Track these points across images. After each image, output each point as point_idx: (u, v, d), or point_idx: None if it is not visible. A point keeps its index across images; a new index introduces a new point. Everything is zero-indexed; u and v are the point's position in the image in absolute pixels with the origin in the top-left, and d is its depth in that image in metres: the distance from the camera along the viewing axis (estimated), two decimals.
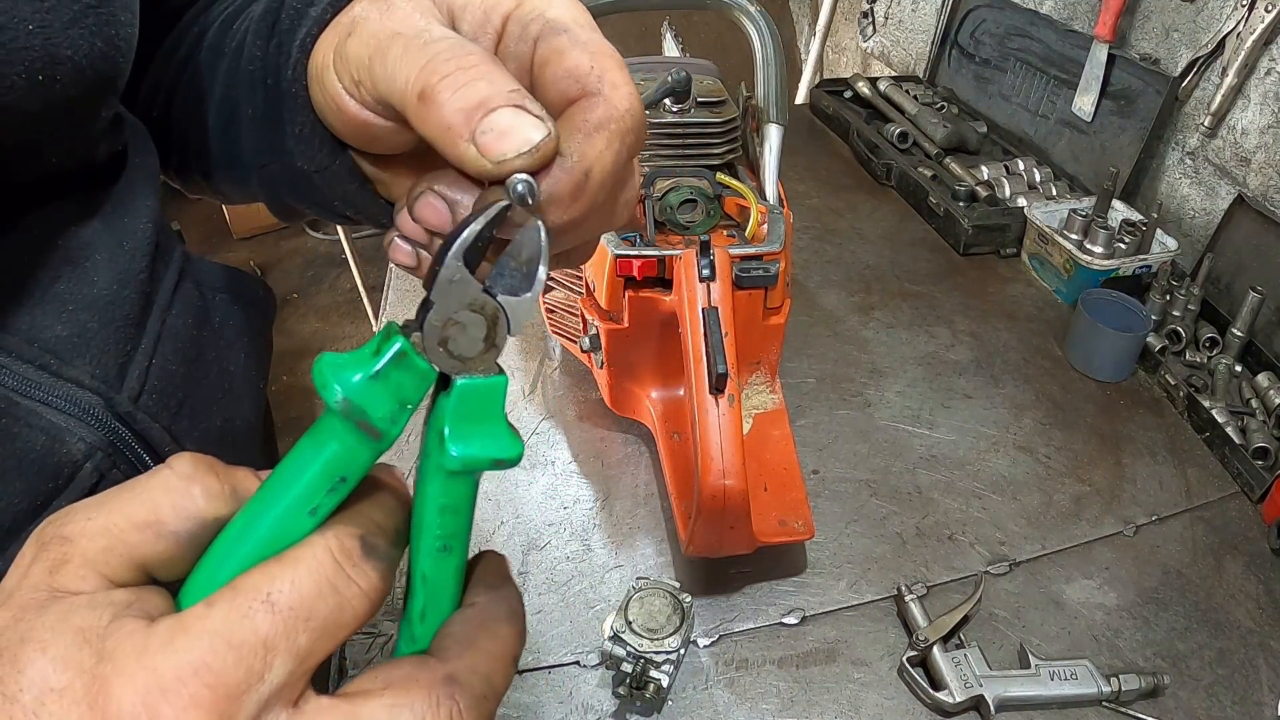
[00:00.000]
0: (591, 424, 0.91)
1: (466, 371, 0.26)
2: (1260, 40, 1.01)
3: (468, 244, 0.25)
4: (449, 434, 0.26)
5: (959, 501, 0.83)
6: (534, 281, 0.27)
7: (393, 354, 0.25)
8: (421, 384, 0.26)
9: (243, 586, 0.24)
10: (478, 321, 0.26)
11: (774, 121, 0.83)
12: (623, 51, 0.32)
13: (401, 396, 0.25)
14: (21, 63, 0.30)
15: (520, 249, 0.27)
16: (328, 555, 0.25)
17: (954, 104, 1.54)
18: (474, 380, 0.26)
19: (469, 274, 0.26)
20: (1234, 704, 0.66)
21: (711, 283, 0.70)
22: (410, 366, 0.25)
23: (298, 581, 0.25)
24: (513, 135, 0.27)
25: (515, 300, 0.27)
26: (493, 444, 0.26)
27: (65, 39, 0.32)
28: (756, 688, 0.67)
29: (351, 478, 0.26)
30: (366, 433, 0.25)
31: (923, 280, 1.16)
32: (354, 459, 0.25)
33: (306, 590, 0.25)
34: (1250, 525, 0.82)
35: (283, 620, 0.24)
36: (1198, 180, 1.16)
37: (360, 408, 0.25)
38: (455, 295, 0.26)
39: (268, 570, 0.25)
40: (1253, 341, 0.98)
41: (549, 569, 0.76)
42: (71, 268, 0.37)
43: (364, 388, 0.25)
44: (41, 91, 0.31)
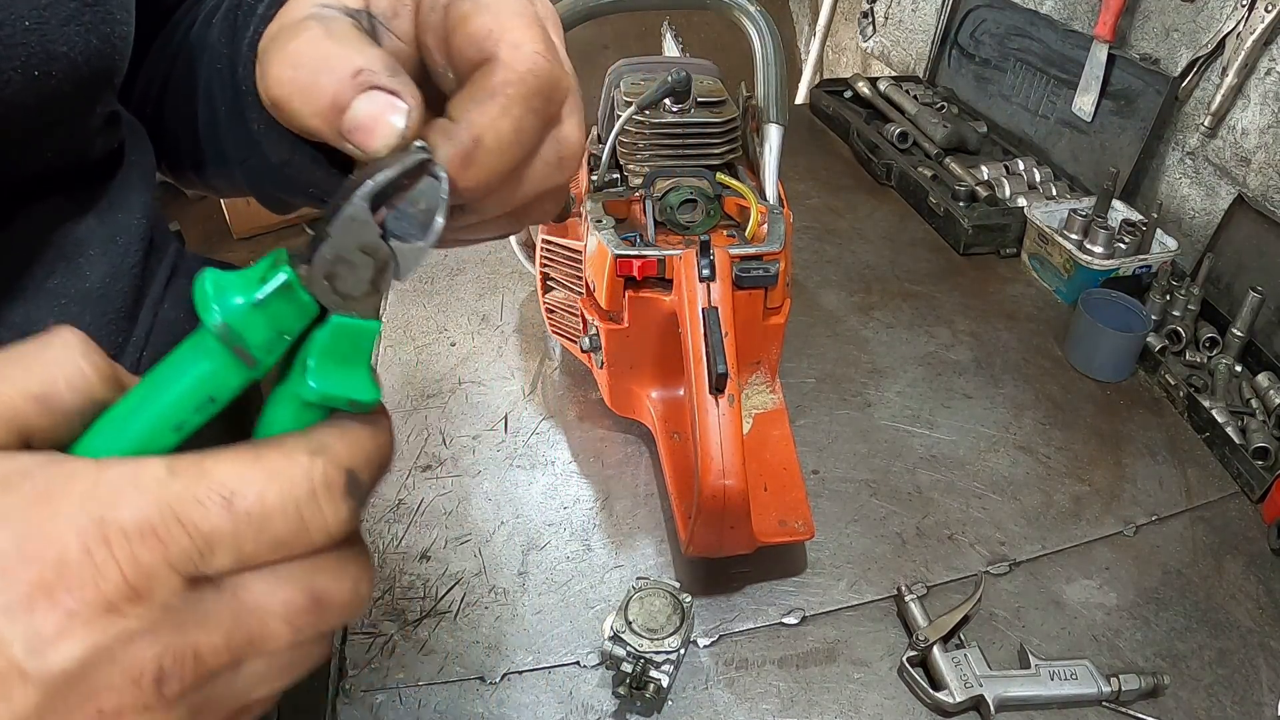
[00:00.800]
0: (591, 424, 0.91)
1: (345, 309, 0.26)
2: (1260, 40, 1.01)
3: (379, 188, 0.26)
4: (313, 367, 0.25)
5: (959, 501, 0.83)
6: (429, 231, 0.27)
7: (278, 285, 0.25)
8: (302, 317, 0.26)
9: (210, 471, 0.24)
10: (367, 263, 0.26)
11: (774, 121, 0.83)
12: (623, 51, 0.32)
13: (280, 326, 0.25)
14: (18, 58, 0.30)
15: (421, 197, 0.27)
16: (307, 480, 0.25)
17: (954, 104, 1.54)
18: (350, 320, 0.26)
19: (371, 217, 0.26)
20: (1234, 704, 0.66)
21: (711, 283, 0.70)
22: (293, 299, 0.25)
23: (266, 494, 0.24)
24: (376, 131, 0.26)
25: (407, 247, 0.27)
26: (353, 385, 0.26)
27: (61, 36, 0.32)
28: (756, 688, 0.67)
29: (220, 399, 0.25)
30: (241, 359, 0.25)
31: (923, 280, 1.16)
32: (225, 382, 0.25)
33: (271, 505, 0.24)
34: (1250, 525, 0.82)
35: (233, 524, 0.23)
36: (1198, 180, 1.16)
37: (239, 334, 0.24)
38: (352, 235, 0.26)
39: (240, 465, 0.24)
40: (1253, 341, 0.98)
41: (549, 569, 0.76)
42: (65, 263, 0.37)
43: (244, 314, 0.24)
44: (37, 87, 0.31)
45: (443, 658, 0.69)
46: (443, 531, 0.80)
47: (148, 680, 0.23)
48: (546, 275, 0.91)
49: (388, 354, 1.01)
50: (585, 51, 2.40)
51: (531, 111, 0.28)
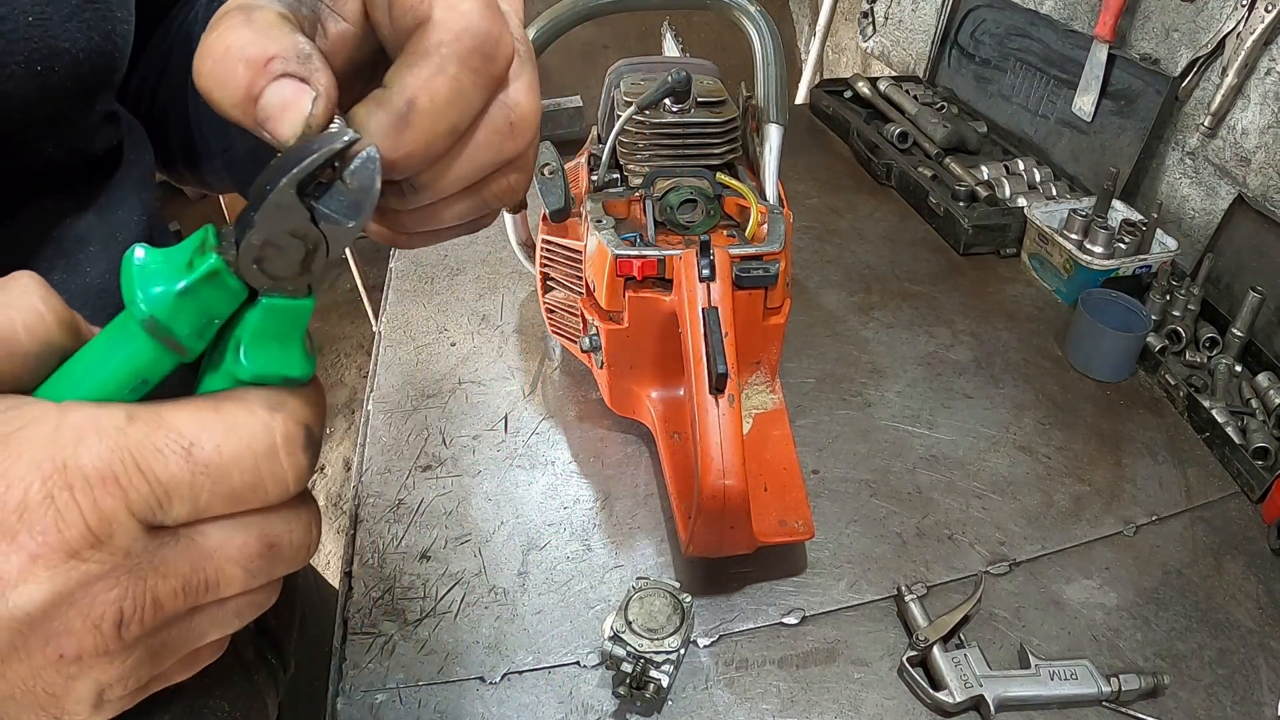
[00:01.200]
0: (591, 424, 0.91)
1: (276, 290, 0.26)
2: (1260, 40, 1.01)
3: (303, 175, 0.25)
4: (246, 347, 0.25)
5: (959, 501, 0.83)
6: (360, 211, 0.26)
7: (205, 272, 0.24)
8: (231, 301, 0.25)
9: (169, 421, 0.24)
10: (297, 246, 0.26)
11: (774, 121, 0.83)
12: (623, 51, 0.32)
13: (209, 312, 0.25)
14: (20, 53, 0.30)
15: (352, 177, 0.26)
16: (268, 434, 0.25)
17: (954, 104, 1.54)
18: (281, 299, 0.26)
19: (298, 201, 0.25)
20: (1234, 704, 0.66)
21: (711, 283, 0.70)
22: (222, 285, 0.25)
23: (225, 446, 0.24)
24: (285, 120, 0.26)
25: (338, 228, 0.26)
26: (286, 362, 0.26)
27: (63, 32, 0.32)
28: (756, 688, 0.67)
29: (154, 381, 0.25)
30: (172, 349, 0.25)
31: (923, 280, 1.16)
32: (157, 368, 0.25)
33: (229, 457, 0.24)
34: (1250, 525, 0.82)
35: (191, 474, 0.24)
36: (1198, 180, 1.16)
37: (166, 326, 0.24)
38: (280, 220, 0.25)
39: (200, 415, 0.24)
40: (1253, 341, 0.98)
41: (549, 569, 0.76)
42: (65, 259, 0.37)
43: (172, 304, 0.24)
44: (39, 82, 0.32)
45: (443, 658, 0.69)
46: (443, 531, 0.80)
47: (107, 625, 0.23)
48: (546, 275, 0.91)
49: (388, 354, 1.01)
50: (585, 51, 2.41)
51: (470, 70, 0.27)
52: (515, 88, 0.30)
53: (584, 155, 0.94)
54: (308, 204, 0.26)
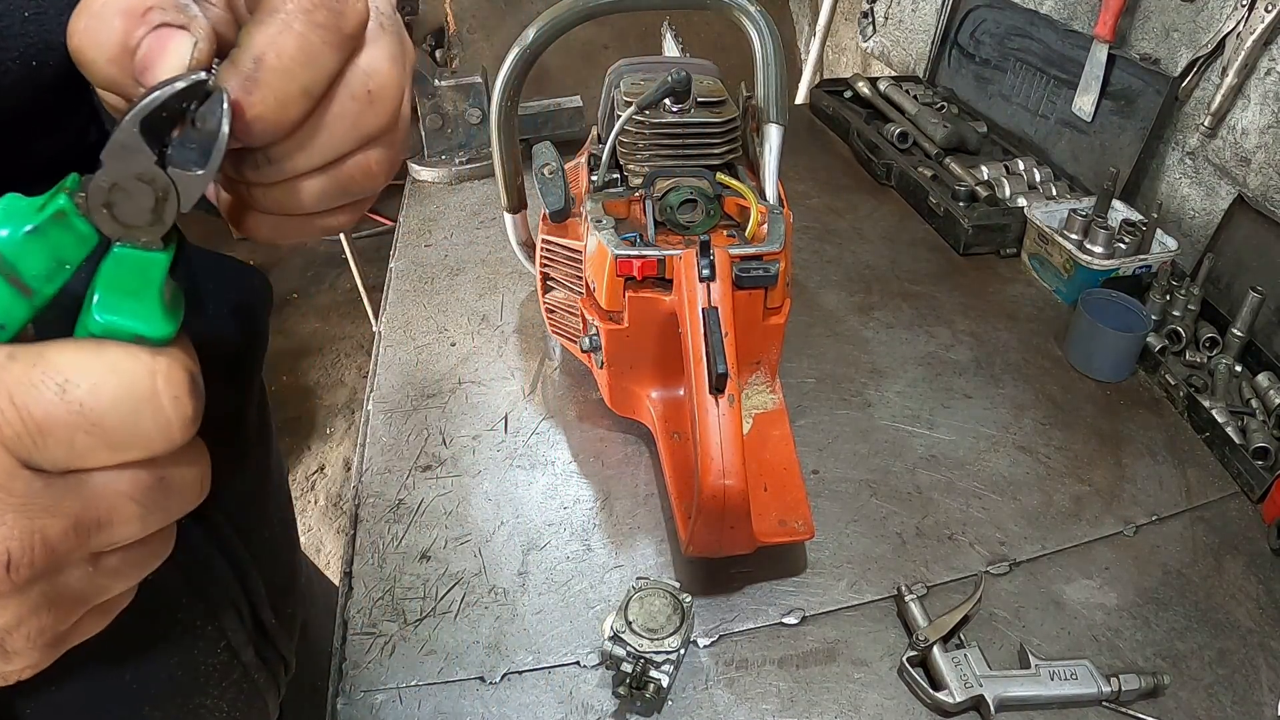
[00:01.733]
0: (591, 424, 0.91)
1: (129, 239, 0.25)
2: (1260, 40, 1.01)
3: (146, 111, 0.25)
4: (97, 300, 0.25)
5: (959, 501, 0.83)
6: (208, 158, 0.26)
7: (53, 212, 0.24)
8: (81, 246, 0.25)
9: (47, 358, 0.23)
10: (146, 192, 0.25)
11: (774, 121, 0.83)
12: (623, 51, 0.32)
13: (60, 256, 0.25)
14: (16, 49, 0.30)
15: (202, 120, 0.26)
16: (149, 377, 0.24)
17: (954, 104, 1.54)
18: (132, 250, 0.25)
19: (144, 143, 0.25)
20: (1234, 704, 0.66)
21: (711, 283, 0.70)
22: (69, 226, 0.25)
23: (101, 386, 0.23)
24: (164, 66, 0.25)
25: (187, 175, 0.26)
26: (139, 319, 0.25)
27: (59, 25, 0.32)
28: (756, 688, 0.67)
29: (10, 326, 0.25)
30: (17, 288, 0.24)
31: (923, 280, 1.16)
32: (9, 312, 0.24)
33: (105, 398, 0.23)
34: (1250, 525, 0.82)
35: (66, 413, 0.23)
36: (1198, 180, 1.16)
37: (10, 262, 0.24)
38: (126, 162, 0.25)
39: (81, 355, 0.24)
40: (1253, 341, 0.98)
41: (549, 569, 0.76)
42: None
43: (18, 242, 0.24)
44: (34, 78, 0.31)
45: (443, 658, 0.69)
46: (443, 531, 0.80)
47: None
48: (546, 275, 0.91)
49: (388, 354, 1.01)
50: (585, 51, 2.41)
51: (317, 27, 0.27)
52: (372, 53, 0.29)
53: (584, 155, 0.94)
54: (157, 150, 0.25)
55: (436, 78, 1.34)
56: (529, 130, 1.40)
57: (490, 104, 0.85)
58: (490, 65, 1.11)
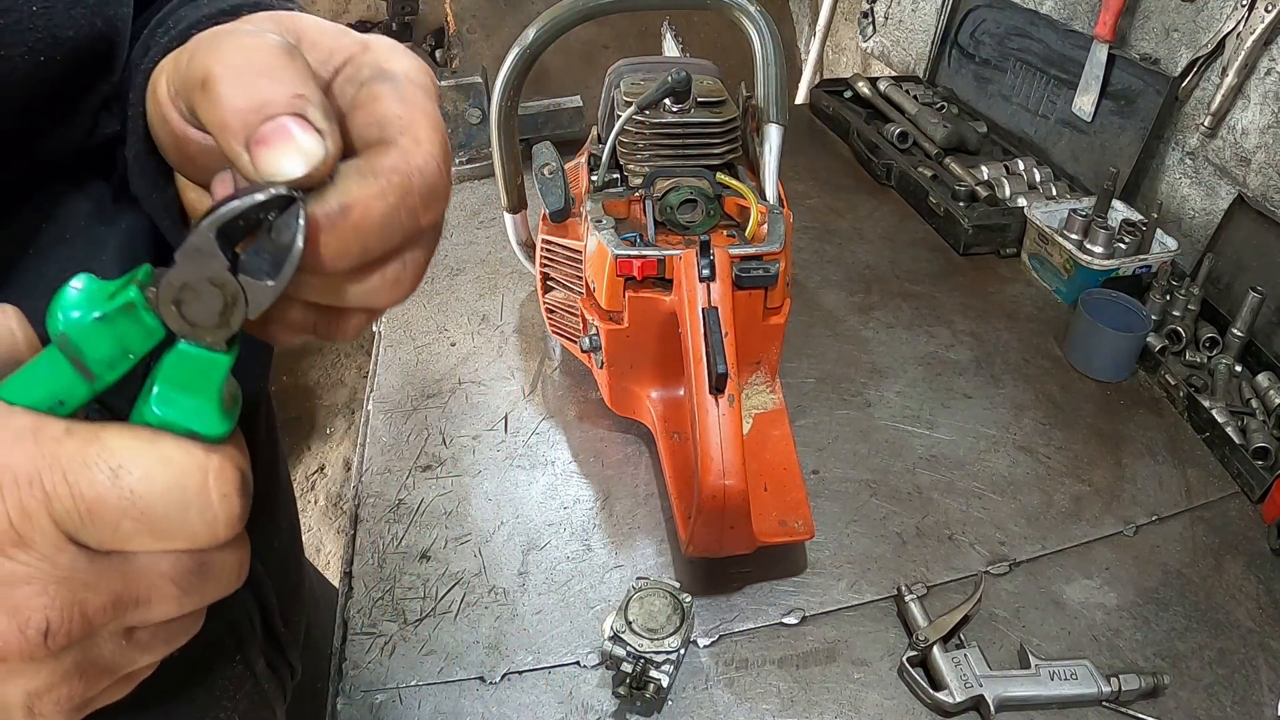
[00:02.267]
0: (591, 424, 0.91)
1: (195, 337, 0.26)
2: (1260, 40, 1.01)
3: (225, 219, 0.25)
4: (156, 393, 0.25)
5: (959, 501, 0.83)
6: (280, 271, 0.26)
7: (122, 303, 0.25)
8: (147, 339, 0.25)
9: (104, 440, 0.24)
10: (216, 295, 0.26)
11: (774, 121, 0.83)
12: (623, 51, 0.32)
13: (125, 345, 0.25)
14: (24, 43, 0.30)
15: (279, 235, 0.26)
16: (200, 473, 0.25)
17: (954, 104, 1.54)
18: (196, 348, 0.26)
19: (218, 248, 0.25)
20: (1234, 704, 0.66)
21: (711, 283, 0.70)
22: (137, 319, 0.25)
23: (153, 475, 0.24)
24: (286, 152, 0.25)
25: (257, 284, 0.26)
26: (196, 416, 0.26)
27: (67, 19, 0.32)
28: (756, 688, 0.67)
29: (69, 405, 0.25)
30: (81, 371, 0.25)
31: (923, 280, 1.16)
32: (70, 391, 0.25)
33: (156, 488, 0.24)
34: (1250, 525, 0.82)
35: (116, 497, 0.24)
36: (1198, 180, 1.16)
37: (76, 346, 0.24)
38: (200, 264, 0.25)
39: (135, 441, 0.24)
40: (1253, 341, 0.98)
41: (549, 569, 0.76)
42: (79, 265, 0.37)
43: (85, 328, 0.24)
44: (41, 72, 0.31)
45: (443, 658, 0.69)
46: (443, 531, 0.80)
47: (33, 630, 0.23)
48: (546, 275, 0.91)
49: (388, 354, 1.01)
50: (585, 51, 2.41)
51: (407, 208, 0.27)
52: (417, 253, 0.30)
53: (584, 155, 0.94)
54: (231, 254, 0.26)
55: (436, 78, 1.34)
56: (529, 130, 1.40)
57: (490, 104, 0.85)
58: (490, 65, 1.11)
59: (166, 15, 0.37)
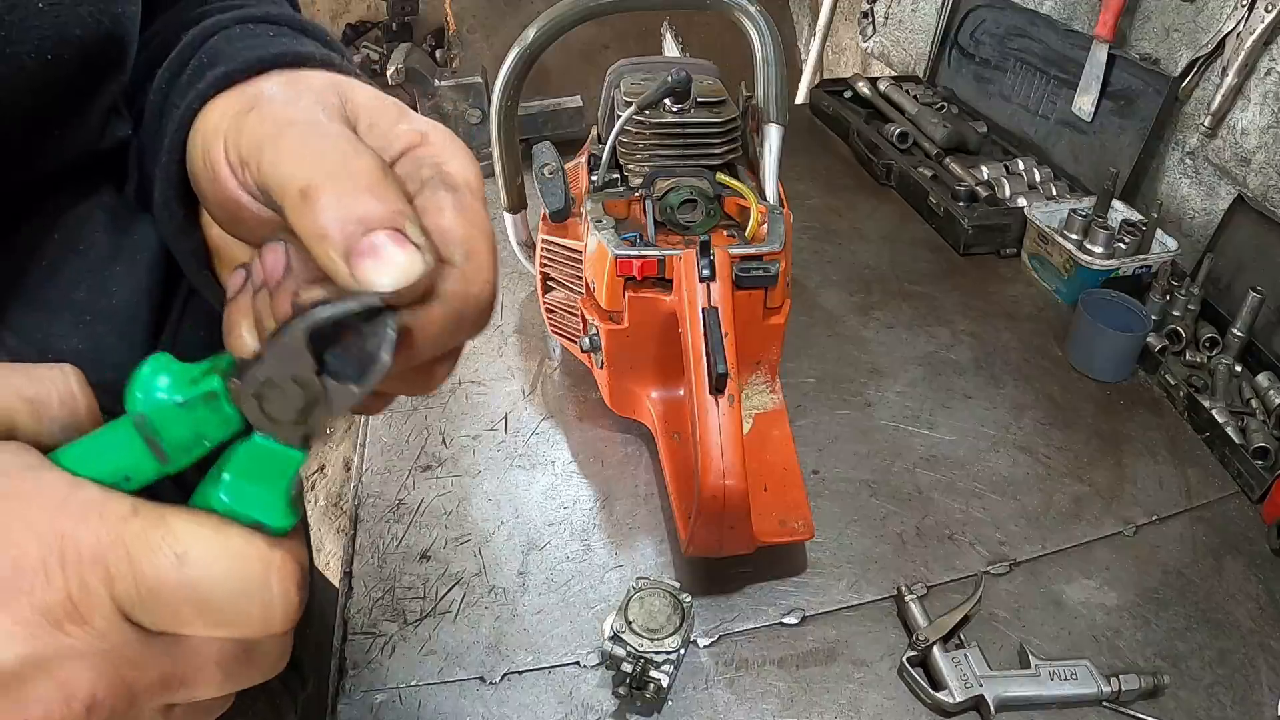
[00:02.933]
0: (591, 424, 0.91)
1: (271, 432, 0.26)
2: (1260, 40, 1.01)
3: (318, 324, 0.25)
4: (226, 481, 0.26)
5: (959, 501, 0.83)
6: (365, 378, 0.26)
7: (204, 392, 0.25)
8: (224, 428, 0.26)
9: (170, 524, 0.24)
10: (298, 393, 0.26)
11: (774, 121, 0.83)
12: (623, 51, 0.32)
13: (201, 432, 0.26)
14: (32, 41, 0.30)
15: (366, 342, 0.26)
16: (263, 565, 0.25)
17: (954, 104, 1.54)
18: (272, 443, 0.26)
19: (308, 352, 0.25)
20: (1234, 704, 0.66)
21: (711, 283, 0.70)
22: (217, 409, 0.25)
23: (216, 564, 0.24)
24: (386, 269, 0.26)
25: (341, 388, 0.26)
26: (262, 508, 0.26)
27: (74, 17, 0.32)
28: (756, 688, 0.67)
29: (136, 481, 0.26)
30: (155, 453, 0.25)
31: (923, 280, 1.16)
32: (139, 468, 0.25)
33: (218, 578, 0.24)
34: (1250, 525, 0.82)
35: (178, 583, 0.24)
36: (1198, 180, 1.16)
37: (154, 428, 0.25)
38: (286, 364, 0.25)
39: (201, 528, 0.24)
40: (1253, 341, 0.98)
41: (549, 569, 0.76)
42: (91, 276, 0.36)
43: (164, 411, 0.25)
44: (48, 71, 0.31)
45: (443, 658, 0.69)
46: (443, 531, 0.80)
47: (78, 704, 0.24)
48: (546, 275, 0.91)
49: None
50: (585, 51, 2.41)
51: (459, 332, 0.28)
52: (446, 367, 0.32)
53: (584, 155, 0.94)
54: (319, 356, 0.26)
55: (436, 78, 1.34)
56: (529, 130, 1.40)
57: (490, 104, 0.85)
58: (490, 65, 1.11)
59: (197, 43, 0.36)
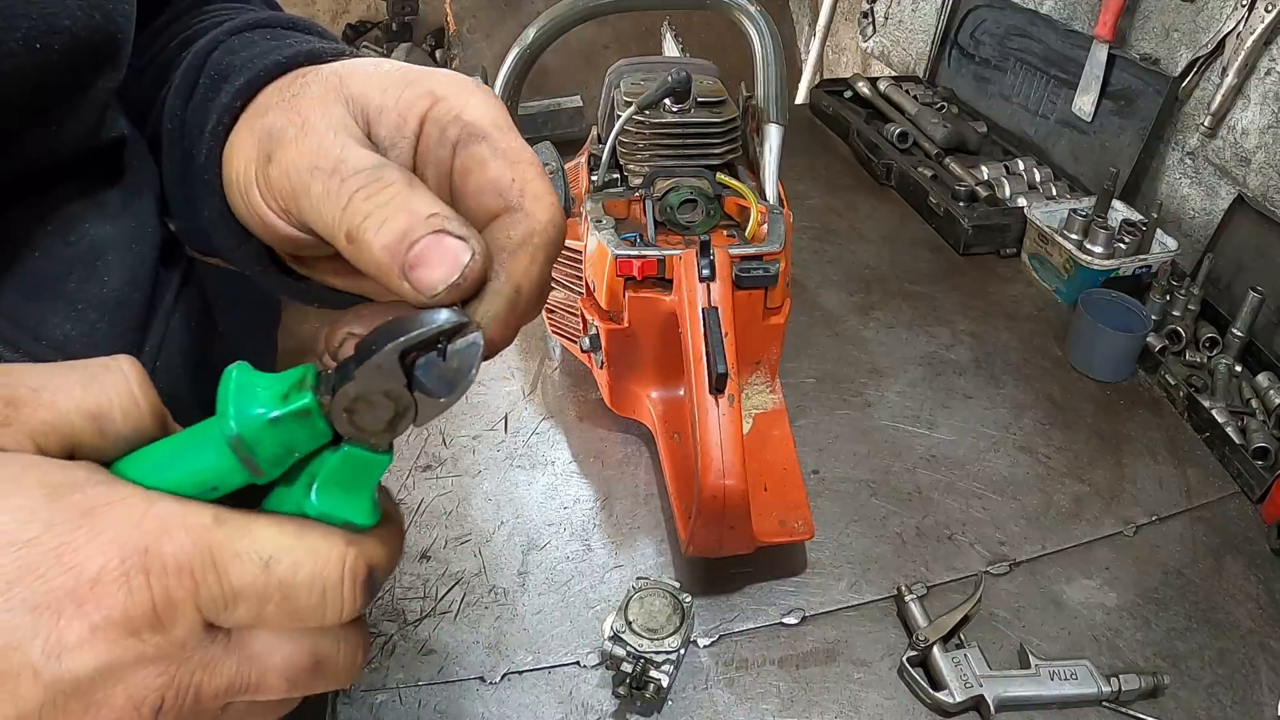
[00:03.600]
0: (591, 424, 0.91)
1: (360, 440, 0.27)
2: (1260, 40, 1.01)
3: (409, 344, 0.26)
4: (318, 487, 0.27)
5: (959, 501, 0.83)
6: (454, 390, 0.27)
7: (299, 408, 0.26)
8: (315, 440, 0.27)
9: (254, 532, 0.25)
10: (388, 406, 0.27)
11: (774, 121, 0.83)
12: (623, 51, 0.32)
13: (291, 445, 0.26)
14: (19, 29, 0.30)
15: (455, 356, 0.27)
16: (340, 564, 0.26)
17: (954, 104, 1.54)
18: (361, 450, 0.27)
19: (399, 367, 0.26)
20: (1234, 704, 0.66)
21: (711, 283, 0.70)
22: (310, 424, 0.26)
23: (302, 568, 0.25)
24: (438, 267, 0.27)
25: (429, 400, 0.27)
26: (353, 508, 0.27)
27: (63, 8, 0.32)
28: (756, 688, 0.67)
29: (222, 490, 0.26)
30: (249, 468, 0.26)
31: (923, 280, 1.16)
32: (229, 480, 0.26)
33: (302, 579, 0.25)
34: (1250, 525, 0.82)
35: (265, 586, 0.25)
36: (1198, 180, 1.16)
37: (250, 447, 0.25)
38: (378, 380, 0.26)
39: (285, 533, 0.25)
40: (1253, 341, 0.98)
41: (549, 569, 0.76)
42: (84, 266, 0.37)
43: (260, 429, 0.25)
44: (39, 61, 0.31)
45: (443, 658, 0.69)
46: (443, 531, 0.80)
47: (146, 708, 0.24)
48: None
49: None
50: (585, 51, 2.40)
51: (550, 260, 0.30)
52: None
53: (584, 155, 0.94)
54: (407, 370, 0.27)
55: None
56: (529, 130, 1.39)
57: None
58: (490, 65, 1.11)
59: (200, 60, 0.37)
